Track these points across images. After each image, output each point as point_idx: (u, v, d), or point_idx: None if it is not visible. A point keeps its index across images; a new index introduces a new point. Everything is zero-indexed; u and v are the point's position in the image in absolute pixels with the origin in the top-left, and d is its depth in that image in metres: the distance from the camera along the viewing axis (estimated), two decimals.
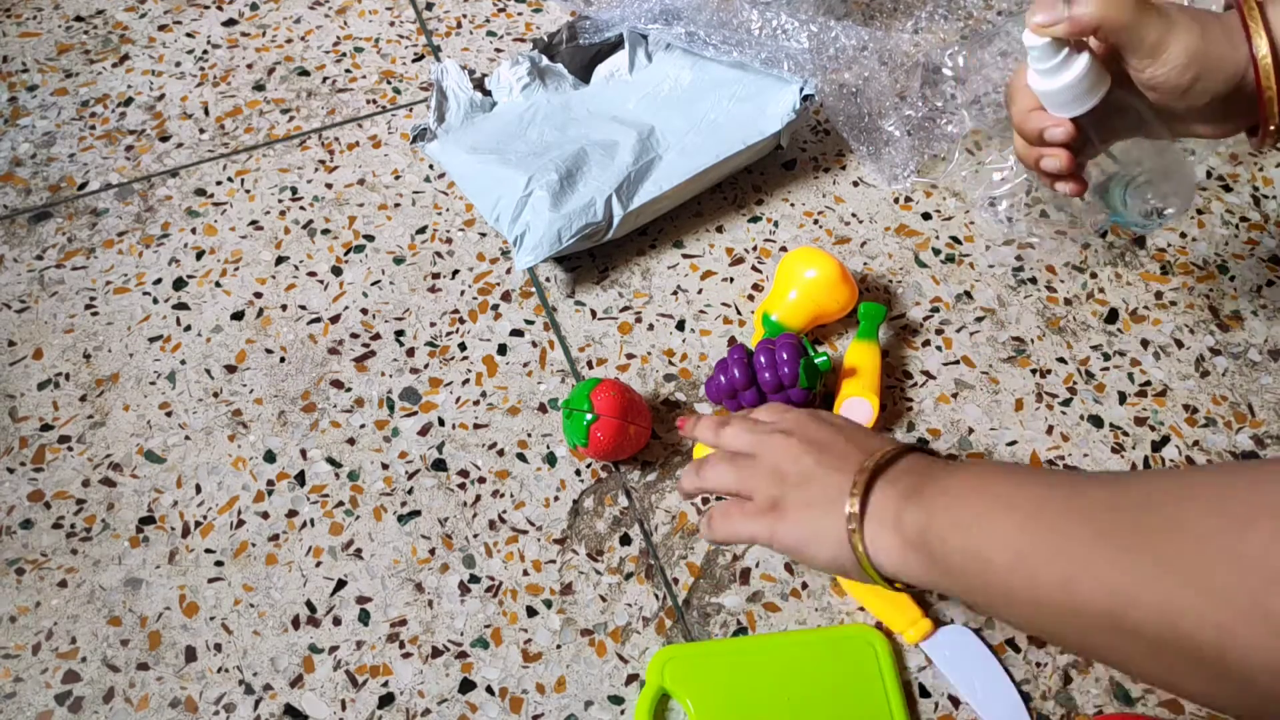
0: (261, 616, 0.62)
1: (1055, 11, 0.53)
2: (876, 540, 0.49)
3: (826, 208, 0.82)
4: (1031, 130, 0.58)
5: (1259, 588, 0.34)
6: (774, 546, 0.53)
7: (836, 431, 0.54)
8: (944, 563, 0.46)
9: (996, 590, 0.44)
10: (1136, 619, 0.38)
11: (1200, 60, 0.53)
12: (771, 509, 0.53)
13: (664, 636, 0.62)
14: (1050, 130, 0.57)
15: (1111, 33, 0.53)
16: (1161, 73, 0.54)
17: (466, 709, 0.59)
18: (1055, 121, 0.57)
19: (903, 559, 0.48)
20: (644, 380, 0.72)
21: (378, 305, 0.75)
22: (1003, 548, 0.43)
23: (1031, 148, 0.59)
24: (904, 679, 0.60)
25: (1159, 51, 0.53)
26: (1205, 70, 0.53)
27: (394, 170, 0.83)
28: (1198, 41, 0.53)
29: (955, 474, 0.48)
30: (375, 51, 0.92)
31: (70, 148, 0.84)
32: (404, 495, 0.67)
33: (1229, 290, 0.78)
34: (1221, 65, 0.54)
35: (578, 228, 0.73)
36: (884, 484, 0.50)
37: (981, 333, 0.75)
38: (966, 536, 0.45)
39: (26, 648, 0.61)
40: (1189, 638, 0.36)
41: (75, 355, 0.72)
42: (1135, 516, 0.39)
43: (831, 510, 0.50)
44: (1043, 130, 0.57)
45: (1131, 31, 0.53)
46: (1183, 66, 0.53)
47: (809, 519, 0.51)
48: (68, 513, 0.65)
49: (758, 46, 0.81)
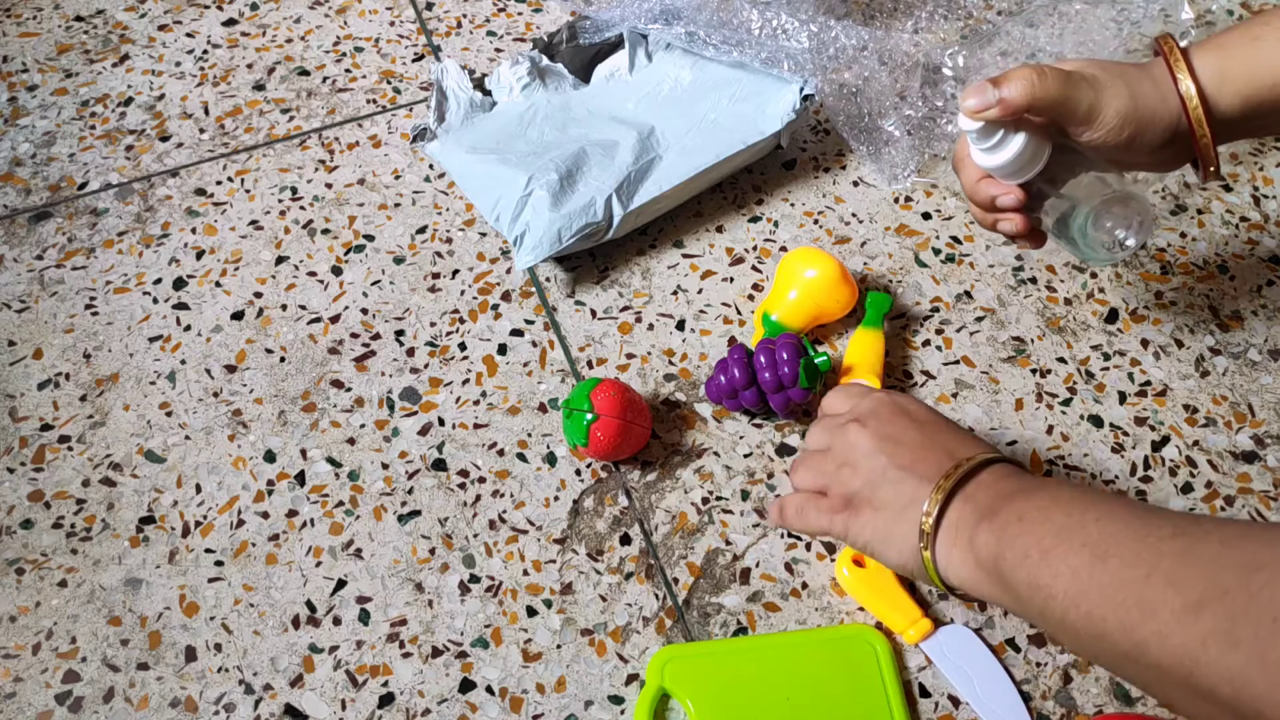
0: (261, 616, 0.62)
1: (985, 97, 0.55)
2: (948, 556, 0.49)
3: (826, 207, 0.82)
4: (983, 199, 0.61)
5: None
6: (845, 541, 0.54)
7: (912, 426, 0.54)
8: (1013, 591, 0.46)
9: (1062, 627, 0.44)
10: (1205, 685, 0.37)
11: (1134, 119, 0.55)
12: (845, 505, 0.53)
13: (664, 636, 0.62)
14: (1001, 199, 0.60)
15: (1043, 110, 0.55)
16: (1099, 136, 0.56)
17: (466, 709, 0.59)
18: (1004, 189, 0.60)
19: (973, 578, 0.48)
20: (644, 380, 0.72)
21: (378, 305, 0.75)
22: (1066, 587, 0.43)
23: (986, 213, 0.62)
24: (904, 679, 0.60)
25: (1092, 118, 0.55)
26: (1140, 127, 0.55)
27: (394, 170, 0.83)
28: (1128, 102, 0.55)
29: (1032, 497, 0.47)
30: (375, 51, 0.92)
31: (70, 147, 0.84)
32: (404, 495, 0.67)
33: (1229, 290, 0.78)
34: (1155, 118, 0.56)
35: (578, 227, 0.73)
36: (960, 500, 0.49)
37: (981, 332, 0.75)
38: (1034, 570, 0.44)
39: (26, 647, 0.61)
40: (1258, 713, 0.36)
41: (75, 355, 0.72)
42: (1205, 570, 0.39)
43: (904, 517, 0.50)
44: (994, 198, 0.60)
45: (1062, 106, 0.55)
46: (1118, 127, 0.55)
47: (882, 522, 0.51)
48: (68, 512, 0.65)
49: (758, 46, 0.81)
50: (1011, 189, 0.60)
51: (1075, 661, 0.61)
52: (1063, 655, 0.61)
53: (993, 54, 0.83)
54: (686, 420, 0.70)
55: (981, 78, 0.83)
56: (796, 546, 0.65)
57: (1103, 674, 0.61)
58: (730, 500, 0.67)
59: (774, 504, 0.59)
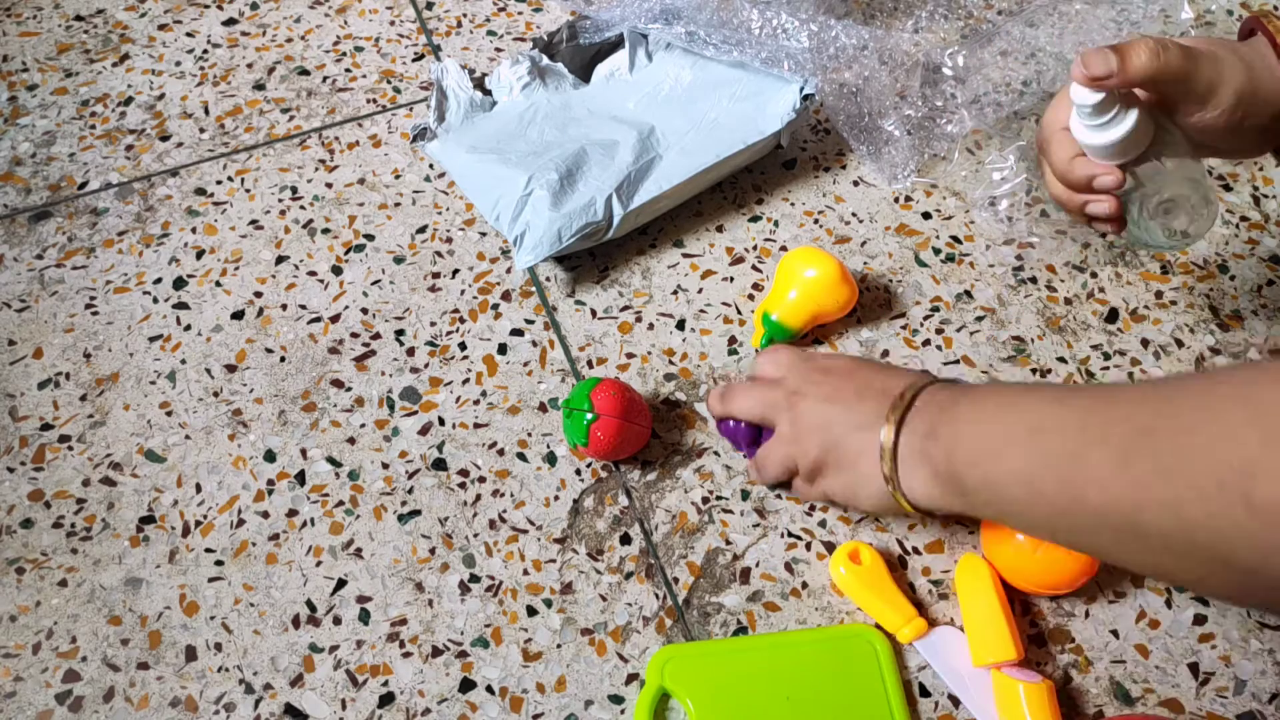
0: (262, 616, 0.62)
1: (1107, 64, 0.51)
2: (910, 485, 0.53)
3: (827, 207, 0.82)
4: (1079, 178, 0.56)
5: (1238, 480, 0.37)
6: (829, 502, 0.60)
7: (843, 380, 0.58)
8: (970, 493, 0.50)
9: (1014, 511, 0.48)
10: (1144, 522, 0.40)
11: (1248, 100, 0.53)
12: (815, 474, 0.59)
13: (664, 636, 0.62)
14: (1101, 179, 0.56)
15: (1164, 84, 0.52)
16: (1211, 116, 0.53)
17: (467, 708, 0.59)
18: (1105, 169, 0.55)
19: (936, 494, 0.52)
20: (644, 380, 0.72)
21: (378, 305, 0.75)
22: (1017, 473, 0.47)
23: (1073, 194, 0.58)
24: (904, 678, 0.60)
25: (1209, 98, 0.53)
26: (1253, 108, 0.53)
27: (394, 170, 0.83)
28: (1245, 81, 0.52)
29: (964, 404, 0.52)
30: (375, 51, 0.92)
31: (70, 147, 0.84)
32: (404, 495, 0.67)
33: (1229, 290, 0.78)
34: (1267, 100, 0.53)
35: (578, 227, 0.73)
36: (907, 433, 0.53)
37: (981, 332, 0.75)
38: (982, 468, 0.49)
39: (27, 647, 0.61)
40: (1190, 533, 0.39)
41: (75, 355, 0.72)
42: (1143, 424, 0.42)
43: (864, 464, 0.55)
44: (1092, 178, 0.56)
45: (1183, 82, 0.52)
46: (1232, 108, 0.53)
47: (848, 477, 0.57)
48: (68, 512, 0.65)
49: (758, 46, 0.81)
50: (1112, 169, 0.55)
51: (1075, 661, 0.61)
52: (1063, 655, 0.61)
53: (993, 53, 0.84)
54: (686, 420, 0.70)
55: (982, 77, 0.83)
56: (796, 546, 0.65)
57: (1103, 674, 0.61)
58: (730, 500, 0.67)
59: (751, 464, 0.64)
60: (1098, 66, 0.51)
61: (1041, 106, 0.86)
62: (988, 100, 0.82)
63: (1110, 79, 0.51)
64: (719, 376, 0.72)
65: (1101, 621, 0.63)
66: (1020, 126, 0.86)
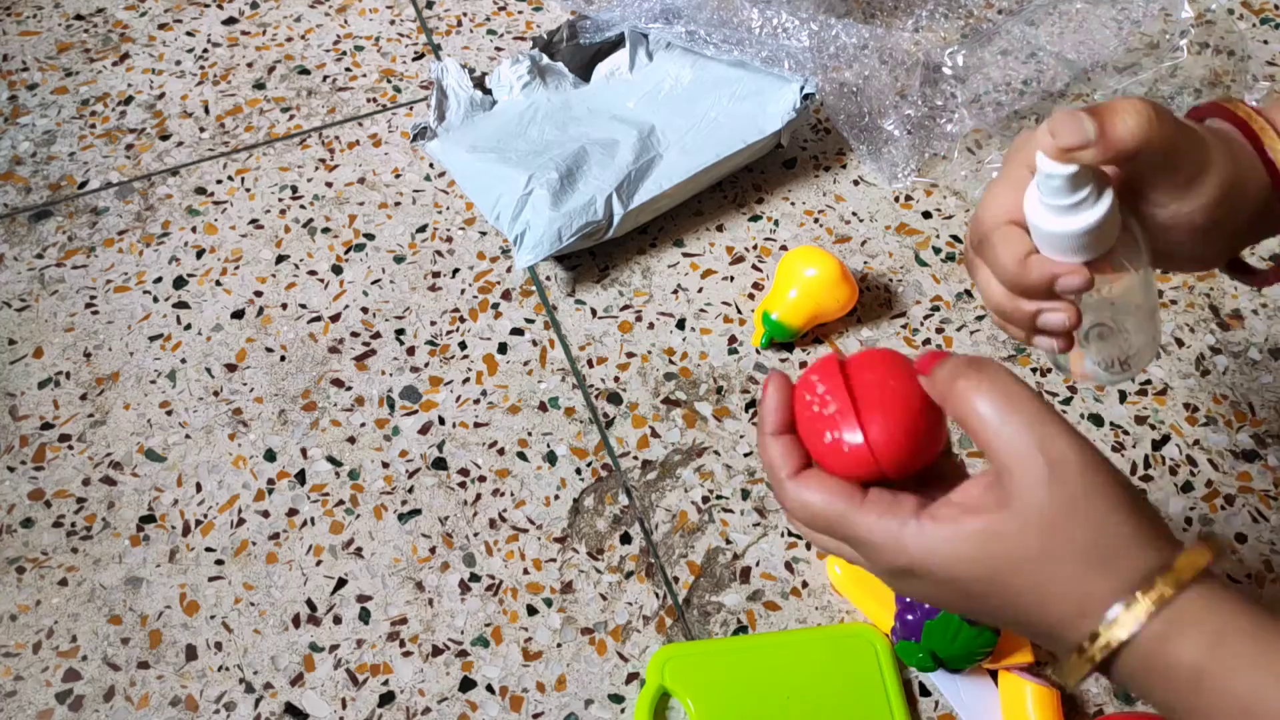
0: (262, 615, 0.62)
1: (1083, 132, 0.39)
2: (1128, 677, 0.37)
3: (827, 206, 0.82)
4: (1034, 282, 0.42)
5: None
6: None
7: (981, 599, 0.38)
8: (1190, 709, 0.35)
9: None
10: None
11: (1232, 194, 0.43)
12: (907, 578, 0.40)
13: (664, 635, 0.62)
14: (1066, 280, 0.42)
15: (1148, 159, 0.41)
16: (1187, 210, 0.43)
17: (467, 707, 0.59)
18: (1069, 269, 0.42)
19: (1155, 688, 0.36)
20: (644, 379, 0.72)
21: (378, 304, 0.75)
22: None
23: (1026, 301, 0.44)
24: (904, 677, 0.60)
25: (1192, 185, 0.42)
26: (1236, 204, 0.43)
27: (394, 169, 0.83)
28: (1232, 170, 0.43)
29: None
30: (375, 50, 0.92)
31: (70, 146, 0.84)
32: (404, 494, 0.67)
33: (1229, 289, 0.78)
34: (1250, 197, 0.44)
35: (578, 226, 0.73)
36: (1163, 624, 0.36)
37: (982, 331, 0.75)
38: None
39: (27, 646, 0.61)
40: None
41: (75, 354, 0.72)
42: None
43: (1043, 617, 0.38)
44: (1052, 279, 0.42)
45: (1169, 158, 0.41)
46: (1215, 203, 0.42)
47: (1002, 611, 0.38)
48: (68, 511, 0.65)
49: (758, 45, 0.81)
50: (1078, 268, 0.42)
51: None
52: None
53: (993, 53, 0.83)
54: (686, 419, 0.70)
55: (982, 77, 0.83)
56: (796, 546, 0.65)
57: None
58: (730, 499, 0.67)
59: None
60: (1071, 134, 0.39)
61: (1042, 106, 0.86)
62: (988, 99, 0.82)
63: (1086, 149, 0.39)
64: (719, 376, 0.72)
65: None
66: (1020, 126, 0.86)
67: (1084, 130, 0.39)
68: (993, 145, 0.85)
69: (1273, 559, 0.65)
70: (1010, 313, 0.45)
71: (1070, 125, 0.39)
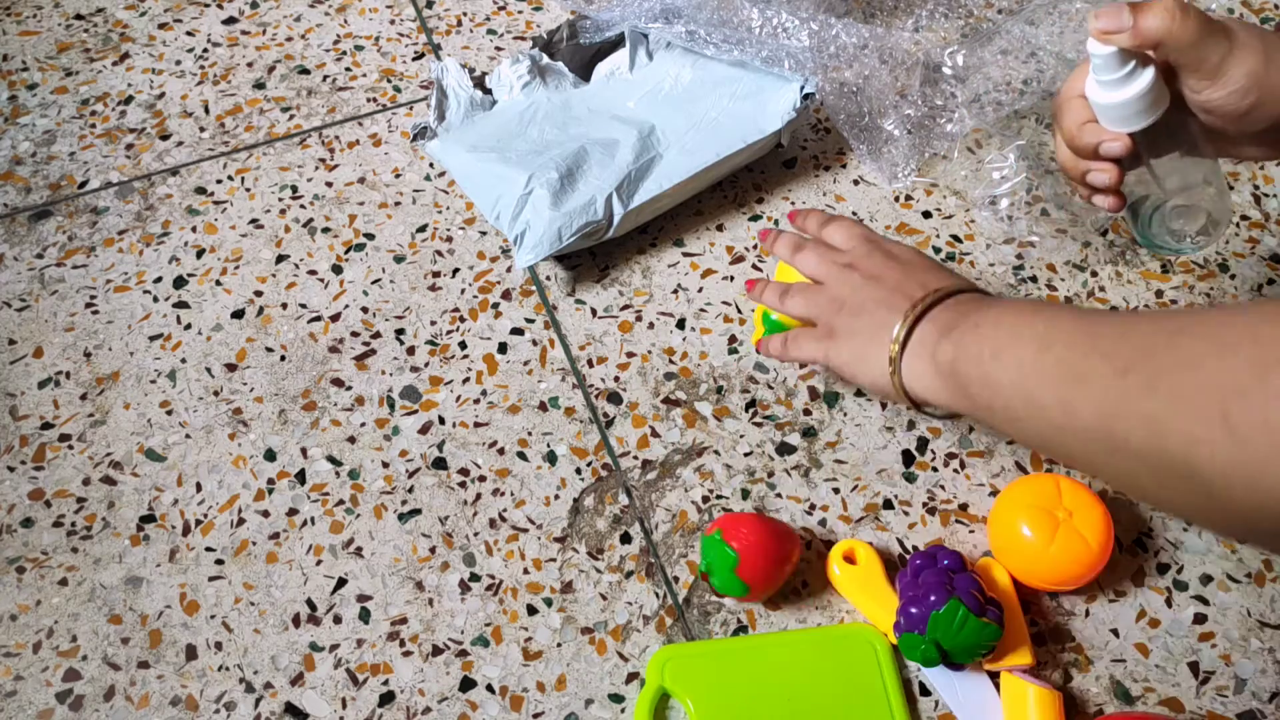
0: (262, 615, 0.62)
1: (1120, 20, 0.51)
2: (911, 370, 0.54)
3: (827, 206, 0.82)
4: (1086, 144, 0.57)
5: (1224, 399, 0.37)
6: (828, 366, 0.59)
7: (897, 266, 0.59)
8: (966, 390, 0.50)
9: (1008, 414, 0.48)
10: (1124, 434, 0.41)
11: (1261, 85, 0.51)
12: (829, 334, 0.59)
13: (664, 635, 0.62)
14: (1106, 144, 0.56)
15: (1174, 50, 0.51)
16: (1219, 96, 0.52)
17: (467, 707, 0.59)
18: (1112, 136, 0.55)
19: (933, 386, 0.53)
20: (644, 379, 0.72)
21: (378, 304, 0.75)
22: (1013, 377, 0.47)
23: (1079, 161, 0.58)
24: (904, 677, 0.60)
25: (1219, 74, 0.52)
26: (1265, 95, 0.52)
27: (394, 169, 0.83)
28: (1260, 65, 0.51)
29: (988, 310, 0.52)
30: (375, 50, 0.92)
31: (70, 146, 0.84)
32: (404, 494, 0.67)
33: (1229, 289, 0.78)
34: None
35: (578, 226, 0.73)
36: (927, 321, 0.54)
37: None
38: (985, 367, 0.49)
39: (27, 646, 0.61)
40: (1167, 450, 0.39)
41: (75, 354, 0.72)
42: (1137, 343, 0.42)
43: (877, 340, 0.56)
44: (1098, 145, 0.56)
45: (1194, 51, 0.51)
46: (1243, 90, 0.52)
47: (858, 345, 0.57)
48: (68, 511, 0.66)
49: (758, 45, 0.81)
50: (1120, 136, 0.55)
51: (1075, 661, 0.61)
52: (1063, 654, 0.61)
53: (993, 52, 0.83)
54: (687, 419, 0.70)
55: (982, 76, 0.83)
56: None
57: (1103, 674, 0.61)
58: (731, 499, 0.67)
59: (763, 340, 0.64)
60: (1109, 21, 0.51)
61: (1042, 106, 0.86)
62: (988, 99, 0.82)
63: (1120, 34, 0.51)
64: (719, 376, 0.72)
65: (1102, 620, 0.63)
66: (1020, 125, 0.86)
67: (1121, 19, 0.51)
68: (993, 145, 0.85)
69: (1273, 558, 0.65)
70: (1070, 168, 0.59)
71: (1110, 13, 0.51)
